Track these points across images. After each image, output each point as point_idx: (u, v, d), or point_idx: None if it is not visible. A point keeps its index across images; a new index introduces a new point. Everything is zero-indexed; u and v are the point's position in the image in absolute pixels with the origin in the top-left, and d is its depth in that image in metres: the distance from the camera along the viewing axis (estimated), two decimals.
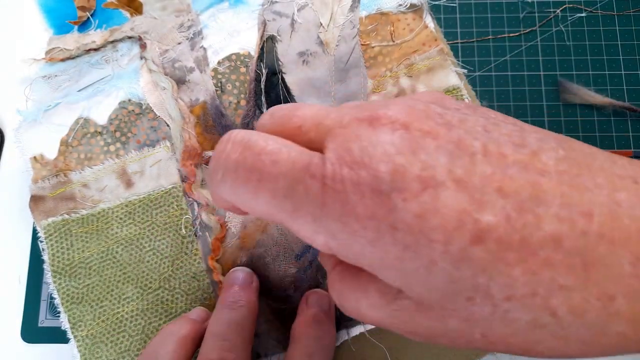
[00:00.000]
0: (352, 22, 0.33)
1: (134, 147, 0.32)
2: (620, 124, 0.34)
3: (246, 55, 0.33)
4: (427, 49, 0.33)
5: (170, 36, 0.34)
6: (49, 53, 0.34)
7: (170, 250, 0.31)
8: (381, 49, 0.33)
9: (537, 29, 0.35)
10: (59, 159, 0.32)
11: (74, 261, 0.31)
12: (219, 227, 0.31)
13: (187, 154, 0.32)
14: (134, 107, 0.33)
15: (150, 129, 0.32)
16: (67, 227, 0.31)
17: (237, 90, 0.33)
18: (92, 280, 0.31)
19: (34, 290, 0.33)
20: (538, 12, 0.36)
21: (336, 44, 0.33)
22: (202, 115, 0.32)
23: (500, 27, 0.35)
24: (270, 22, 0.33)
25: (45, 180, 0.32)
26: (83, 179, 0.32)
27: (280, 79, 0.32)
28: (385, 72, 0.32)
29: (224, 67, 0.33)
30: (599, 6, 0.36)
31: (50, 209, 0.31)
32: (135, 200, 0.31)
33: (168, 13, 0.34)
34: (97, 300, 0.30)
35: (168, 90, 0.32)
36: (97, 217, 0.31)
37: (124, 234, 0.31)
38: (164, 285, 0.31)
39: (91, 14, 0.35)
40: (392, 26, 0.33)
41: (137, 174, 0.32)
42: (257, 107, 0.32)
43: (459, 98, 0.32)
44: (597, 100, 0.34)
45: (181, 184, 0.31)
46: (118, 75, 0.33)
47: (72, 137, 0.32)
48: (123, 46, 0.34)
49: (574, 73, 0.35)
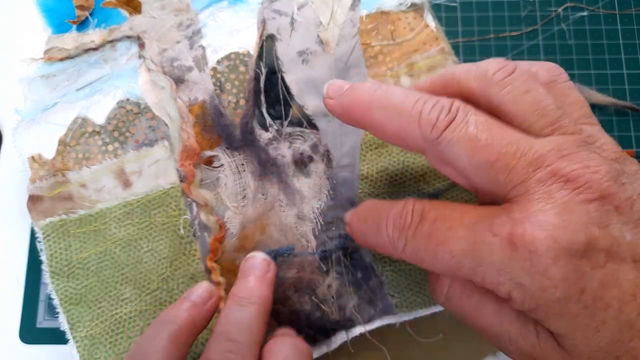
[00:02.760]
0: (353, 21, 0.33)
1: (132, 146, 0.32)
2: (622, 124, 0.34)
3: (245, 54, 0.33)
4: (428, 48, 0.32)
5: (169, 35, 0.33)
6: (48, 52, 0.34)
7: (168, 250, 0.31)
8: (382, 48, 0.33)
9: (538, 27, 0.35)
10: (57, 158, 0.32)
11: (72, 262, 0.31)
12: (218, 228, 0.31)
13: (185, 154, 0.31)
14: (132, 107, 0.32)
15: (149, 128, 0.32)
16: (65, 228, 0.31)
17: (236, 89, 0.33)
18: (90, 281, 0.30)
19: (32, 291, 0.33)
20: (540, 10, 0.35)
21: (336, 43, 0.33)
22: (201, 114, 0.32)
23: (502, 25, 0.35)
24: (270, 20, 0.33)
25: (43, 180, 0.32)
26: (81, 178, 0.32)
27: (280, 78, 0.32)
28: (385, 72, 0.32)
29: (223, 66, 0.33)
30: (600, 5, 0.35)
31: (48, 209, 0.31)
32: (134, 200, 0.31)
33: (167, 12, 0.34)
34: (95, 301, 0.30)
35: (166, 89, 0.32)
36: (95, 217, 0.31)
37: (122, 235, 0.31)
38: (162, 286, 0.30)
39: (90, 13, 0.35)
40: (392, 25, 0.33)
41: (135, 174, 0.32)
42: (256, 107, 0.32)
43: None
44: (599, 99, 0.34)
45: (180, 184, 0.31)
46: (116, 74, 0.33)
47: (70, 136, 0.32)
48: (122, 45, 0.34)
49: (576, 72, 0.34)
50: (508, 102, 0.20)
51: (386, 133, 0.22)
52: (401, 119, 0.21)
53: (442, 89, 0.22)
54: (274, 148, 0.32)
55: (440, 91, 0.22)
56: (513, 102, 0.20)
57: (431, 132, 0.20)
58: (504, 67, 0.21)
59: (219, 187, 0.31)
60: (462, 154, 0.20)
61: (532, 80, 0.21)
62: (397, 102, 0.21)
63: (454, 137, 0.20)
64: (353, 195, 0.31)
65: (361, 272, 0.30)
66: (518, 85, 0.21)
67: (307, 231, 0.31)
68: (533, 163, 0.19)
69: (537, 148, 0.19)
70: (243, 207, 0.31)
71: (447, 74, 0.23)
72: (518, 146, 0.19)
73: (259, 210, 0.31)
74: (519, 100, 0.20)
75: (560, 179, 0.19)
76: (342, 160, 0.31)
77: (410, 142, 0.21)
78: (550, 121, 0.20)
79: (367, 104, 0.22)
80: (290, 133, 0.32)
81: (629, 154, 0.33)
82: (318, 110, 0.32)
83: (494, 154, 0.19)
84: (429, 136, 0.20)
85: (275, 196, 0.31)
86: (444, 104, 0.20)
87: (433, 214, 0.21)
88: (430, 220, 0.21)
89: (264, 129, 0.32)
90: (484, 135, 0.20)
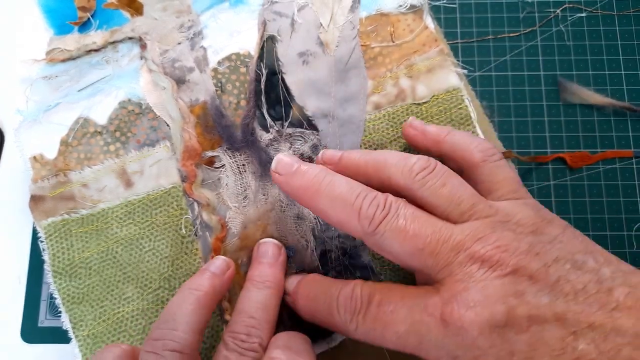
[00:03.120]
0: (352, 23, 0.33)
1: (134, 147, 0.32)
2: (620, 124, 0.34)
3: (246, 55, 0.33)
4: (427, 50, 0.33)
5: (171, 36, 0.34)
6: (50, 53, 0.34)
7: (170, 250, 0.31)
8: (381, 50, 0.33)
9: (537, 28, 0.35)
10: (59, 158, 0.32)
11: (74, 261, 0.31)
12: (219, 227, 0.31)
13: (187, 154, 0.32)
14: (133, 107, 0.33)
15: (150, 128, 0.32)
16: (67, 227, 0.31)
17: (237, 90, 0.33)
18: (93, 280, 0.31)
19: (34, 290, 0.33)
20: (538, 11, 0.36)
21: (336, 45, 0.33)
22: (202, 115, 0.32)
23: (500, 27, 0.35)
24: (271, 22, 0.33)
25: (45, 180, 0.32)
26: (83, 178, 0.32)
27: (280, 79, 0.32)
28: (385, 73, 0.32)
29: (224, 67, 0.33)
30: (599, 6, 0.36)
31: (50, 209, 0.31)
32: (135, 200, 0.31)
33: (168, 14, 0.34)
34: (97, 300, 0.30)
35: (168, 90, 0.32)
36: (96, 217, 0.31)
37: (123, 234, 0.31)
38: (164, 285, 0.31)
39: (91, 15, 0.35)
40: (392, 27, 0.33)
41: (136, 174, 0.32)
42: (257, 108, 0.32)
43: (459, 98, 0.32)
44: (597, 100, 0.34)
45: (181, 184, 0.32)
46: (118, 75, 0.33)
47: (72, 136, 0.32)
48: (123, 47, 0.34)
49: (574, 73, 0.35)
50: (429, 196, 0.24)
51: (330, 219, 0.25)
52: (344, 211, 0.24)
53: (374, 173, 0.26)
54: (275, 149, 0.32)
55: (373, 175, 0.26)
56: (433, 195, 0.24)
57: (369, 226, 0.23)
58: (427, 167, 0.25)
59: (220, 188, 0.32)
60: (394, 244, 0.23)
61: (449, 175, 0.25)
62: (340, 195, 0.24)
63: (387, 230, 0.23)
64: None
65: (360, 271, 0.30)
66: (436, 181, 0.24)
67: (307, 231, 0.31)
68: (454, 248, 0.22)
69: (457, 234, 0.23)
70: (244, 207, 0.31)
71: (380, 160, 0.26)
72: (440, 234, 0.23)
73: (259, 210, 0.31)
74: (437, 193, 0.24)
75: (477, 260, 0.22)
76: None
77: (351, 230, 0.25)
78: (466, 208, 0.23)
79: (314, 192, 0.25)
80: (290, 134, 0.32)
81: (627, 155, 0.33)
82: (318, 111, 0.32)
83: (421, 243, 0.23)
84: (367, 229, 0.24)
85: (275, 196, 0.31)
86: (380, 200, 0.24)
87: (378, 297, 0.24)
88: (376, 304, 0.24)
89: (265, 130, 0.32)
90: (411, 226, 0.23)
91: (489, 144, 0.27)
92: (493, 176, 0.26)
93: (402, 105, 0.32)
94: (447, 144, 0.27)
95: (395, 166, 0.25)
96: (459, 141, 0.27)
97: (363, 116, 0.32)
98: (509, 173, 0.26)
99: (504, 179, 0.26)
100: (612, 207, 0.32)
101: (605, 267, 0.22)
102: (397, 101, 0.32)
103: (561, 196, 0.33)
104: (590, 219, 0.32)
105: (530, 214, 0.24)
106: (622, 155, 0.33)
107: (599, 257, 0.22)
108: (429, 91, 0.32)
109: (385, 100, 0.32)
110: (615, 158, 0.33)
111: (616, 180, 0.33)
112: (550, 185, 0.33)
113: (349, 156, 0.27)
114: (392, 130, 0.32)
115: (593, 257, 0.22)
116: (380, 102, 0.32)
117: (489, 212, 0.23)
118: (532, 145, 0.34)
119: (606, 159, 0.33)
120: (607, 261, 0.22)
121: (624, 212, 0.32)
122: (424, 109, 0.32)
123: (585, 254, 0.22)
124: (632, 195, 0.33)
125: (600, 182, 0.33)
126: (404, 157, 0.25)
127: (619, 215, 0.32)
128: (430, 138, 0.28)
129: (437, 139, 0.28)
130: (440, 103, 0.32)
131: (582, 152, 0.33)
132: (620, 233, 0.32)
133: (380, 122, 0.32)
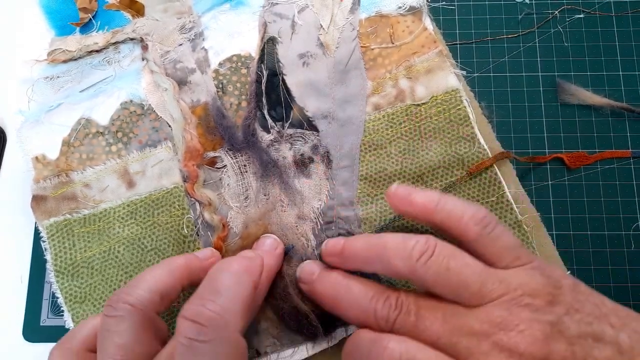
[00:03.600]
0: (352, 24, 0.33)
1: (136, 147, 0.32)
2: (618, 125, 0.34)
3: (247, 56, 0.33)
4: (427, 51, 0.33)
5: (172, 38, 0.34)
6: (51, 54, 0.34)
7: (172, 249, 0.31)
8: (381, 51, 0.33)
9: (535, 30, 0.36)
10: (61, 159, 0.32)
11: (77, 261, 0.31)
12: (221, 227, 0.31)
13: (188, 155, 0.32)
14: (135, 108, 0.33)
15: (152, 129, 0.33)
16: (69, 227, 0.31)
17: (238, 91, 0.33)
18: (95, 279, 0.31)
19: (36, 290, 0.33)
20: (536, 13, 0.36)
21: (336, 46, 0.33)
22: (203, 116, 0.32)
23: (499, 28, 0.36)
24: (271, 23, 0.34)
25: (47, 180, 0.32)
26: (85, 179, 0.32)
27: (281, 81, 0.33)
28: (384, 74, 0.33)
29: (225, 68, 0.33)
30: (597, 7, 0.36)
31: (52, 209, 0.32)
32: (137, 200, 0.32)
33: (169, 15, 0.35)
34: (99, 299, 0.31)
35: (169, 91, 0.33)
36: (98, 217, 0.31)
37: (125, 234, 0.31)
38: None
39: (93, 16, 0.35)
40: (391, 28, 0.33)
41: (138, 174, 0.32)
42: (258, 109, 0.32)
43: (458, 99, 0.32)
44: (595, 100, 0.34)
45: (183, 184, 0.32)
46: (120, 76, 0.34)
47: (74, 137, 0.33)
48: (125, 47, 0.34)
49: (572, 74, 0.35)
50: (434, 284, 0.24)
51: (351, 321, 0.26)
52: (362, 314, 0.25)
53: (377, 260, 0.26)
54: (276, 149, 0.32)
55: (376, 262, 0.26)
56: (438, 283, 0.24)
57: (385, 325, 0.24)
58: (426, 250, 0.24)
59: (221, 188, 0.32)
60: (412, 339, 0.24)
61: (451, 256, 0.24)
62: (356, 299, 0.26)
63: (401, 327, 0.24)
64: (352, 195, 0.31)
65: None
66: (439, 266, 0.24)
67: (307, 231, 0.31)
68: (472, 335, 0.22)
69: (472, 322, 0.23)
70: (245, 207, 0.31)
71: (379, 246, 0.26)
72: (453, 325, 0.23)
73: (261, 210, 0.31)
74: (442, 280, 0.24)
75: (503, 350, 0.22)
76: (342, 161, 0.32)
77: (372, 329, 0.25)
78: (475, 290, 0.23)
79: (334, 299, 0.27)
80: (291, 135, 0.32)
81: (624, 155, 0.33)
82: (318, 112, 0.32)
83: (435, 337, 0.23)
84: (384, 327, 0.24)
85: (276, 196, 0.31)
86: (392, 301, 0.25)
87: None
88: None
89: (266, 131, 0.32)
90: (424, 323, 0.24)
91: (482, 211, 0.26)
92: (492, 247, 0.25)
93: (401, 106, 0.32)
94: (438, 217, 0.26)
95: (394, 250, 0.25)
96: (450, 213, 0.25)
97: (363, 117, 0.32)
98: (507, 240, 0.25)
99: (504, 249, 0.25)
100: (610, 206, 0.33)
101: (622, 332, 0.22)
102: (397, 102, 0.32)
103: (559, 196, 0.33)
104: (588, 218, 0.33)
105: (540, 282, 0.23)
106: (620, 156, 0.33)
107: (613, 320, 0.22)
108: (428, 92, 0.32)
109: (385, 101, 0.32)
110: (613, 158, 0.33)
111: (614, 180, 0.33)
112: (549, 186, 0.33)
113: (350, 247, 0.27)
114: (391, 131, 0.32)
115: (608, 322, 0.22)
116: (379, 103, 0.32)
117: (499, 290, 0.23)
118: (531, 146, 0.34)
119: (604, 159, 0.33)
120: (621, 324, 0.22)
121: (621, 211, 0.33)
122: (423, 110, 0.32)
123: (600, 319, 0.22)
124: (629, 195, 0.33)
125: (598, 182, 0.33)
126: (402, 241, 0.25)
127: (616, 215, 0.33)
128: (418, 209, 0.26)
129: (426, 210, 0.26)
130: (439, 104, 0.32)
131: (580, 152, 0.34)
132: (618, 233, 0.32)
133: (380, 122, 0.32)
